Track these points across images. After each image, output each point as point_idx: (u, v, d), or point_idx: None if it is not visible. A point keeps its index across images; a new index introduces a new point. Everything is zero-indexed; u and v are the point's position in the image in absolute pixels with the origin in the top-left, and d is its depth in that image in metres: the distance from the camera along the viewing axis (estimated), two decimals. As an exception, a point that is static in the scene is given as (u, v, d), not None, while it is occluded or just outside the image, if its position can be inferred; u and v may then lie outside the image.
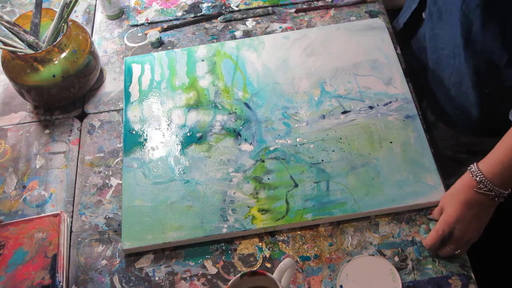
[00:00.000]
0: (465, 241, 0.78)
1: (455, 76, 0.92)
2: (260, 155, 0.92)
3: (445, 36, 0.90)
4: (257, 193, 0.88)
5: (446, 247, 0.79)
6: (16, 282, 0.81)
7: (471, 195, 0.75)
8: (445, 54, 0.92)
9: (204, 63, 1.06)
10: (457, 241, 0.78)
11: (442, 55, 0.93)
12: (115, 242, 0.87)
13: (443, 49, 0.92)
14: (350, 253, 0.82)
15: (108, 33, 1.17)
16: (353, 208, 0.84)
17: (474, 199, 0.75)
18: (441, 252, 0.80)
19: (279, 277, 0.72)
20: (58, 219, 0.87)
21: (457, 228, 0.77)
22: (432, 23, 0.93)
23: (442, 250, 0.79)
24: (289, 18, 1.14)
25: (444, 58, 0.93)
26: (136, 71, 1.07)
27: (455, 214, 0.76)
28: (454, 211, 0.76)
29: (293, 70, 1.03)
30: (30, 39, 1.00)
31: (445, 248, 0.79)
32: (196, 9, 1.19)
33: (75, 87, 1.02)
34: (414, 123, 0.92)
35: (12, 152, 1.00)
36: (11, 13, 1.25)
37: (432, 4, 0.92)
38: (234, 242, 0.85)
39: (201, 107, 1.00)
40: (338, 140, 0.92)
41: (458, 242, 0.78)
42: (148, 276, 0.83)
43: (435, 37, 0.93)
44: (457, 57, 0.89)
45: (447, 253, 0.79)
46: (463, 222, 0.76)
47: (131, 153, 0.95)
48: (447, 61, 0.92)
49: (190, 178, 0.91)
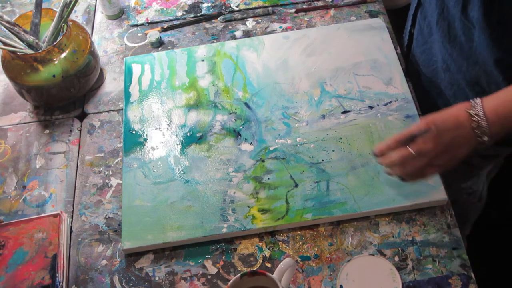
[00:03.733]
0: (425, 157, 0.74)
1: (449, 89, 0.93)
2: (260, 155, 0.92)
3: (438, 48, 0.90)
4: (257, 193, 0.88)
5: (402, 149, 0.75)
6: (16, 282, 0.81)
7: (460, 113, 0.73)
8: (438, 67, 0.93)
9: (204, 63, 1.06)
10: (420, 148, 0.74)
11: (436, 68, 0.94)
12: (115, 242, 0.87)
13: (436, 62, 0.93)
14: (350, 253, 0.82)
15: (108, 33, 1.17)
16: (353, 208, 0.84)
17: (461, 117, 0.72)
18: (394, 157, 0.76)
19: (279, 277, 0.72)
20: (58, 219, 0.87)
21: (431, 131, 0.73)
22: (423, 37, 0.93)
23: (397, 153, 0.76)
24: (289, 18, 1.14)
25: (439, 71, 0.94)
26: (136, 71, 1.07)
27: (440, 119, 0.73)
28: (440, 116, 0.73)
29: (293, 70, 1.03)
30: (30, 39, 1.00)
31: (402, 149, 0.75)
32: (196, 9, 1.19)
33: (75, 87, 1.02)
34: (414, 123, 0.92)
35: (12, 152, 1.00)
36: (11, 13, 1.25)
37: (422, 19, 0.92)
38: (234, 242, 0.85)
39: (201, 107, 1.00)
40: (338, 140, 0.92)
41: (421, 149, 0.74)
42: (148, 276, 0.83)
43: (427, 51, 0.94)
44: (450, 69, 0.89)
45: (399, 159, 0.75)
46: (440, 131, 0.73)
47: (131, 153, 0.95)
48: (441, 73, 0.93)
49: (190, 178, 0.91)
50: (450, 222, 0.83)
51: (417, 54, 0.98)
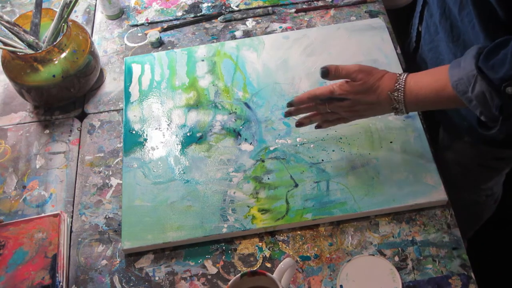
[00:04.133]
0: (337, 114, 0.83)
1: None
2: (260, 155, 0.92)
3: (444, 47, 0.90)
4: (257, 193, 0.88)
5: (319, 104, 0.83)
6: (16, 282, 0.81)
7: (382, 93, 0.78)
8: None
9: (204, 63, 1.06)
10: (335, 108, 0.82)
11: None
12: (115, 242, 0.87)
13: (444, 60, 0.92)
14: (350, 253, 0.82)
15: (108, 33, 1.17)
16: (353, 208, 0.84)
17: (381, 97, 0.78)
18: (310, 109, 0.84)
19: (279, 277, 0.72)
20: (58, 219, 0.87)
21: (348, 100, 0.80)
22: (430, 36, 0.93)
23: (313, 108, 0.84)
24: (289, 18, 1.14)
25: None
26: (136, 71, 1.07)
27: (361, 91, 0.78)
28: (362, 87, 0.78)
29: (293, 70, 1.03)
30: (30, 39, 1.00)
31: (320, 105, 0.83)
32: (196, 9, 1.19)
33: (75, 87, 1.02)
34: (414, 123, 0.92)
35: (12, 152, 1.00)
36: (11, 13, 1.25)
37: (428, 17, 0.92)
38: (234, 242, 0.85)
39: (201, 107, 1.00)
40: (338, 140, 0.92)
41: (335, 109, 0.82)
42: (148, 276, 0.83)
43: (434, 49, 0.94)
44: None
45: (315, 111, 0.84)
46: (356, 102, 0.80)
47: (131, 153, 0.95)
48: None
49: (190, 178, 0.91)
50: (450, 222, 0.83)
51: (424, 52, 0.97)
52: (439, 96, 0.75)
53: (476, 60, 0.69)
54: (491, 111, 0.70)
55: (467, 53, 0.72)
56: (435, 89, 0.75)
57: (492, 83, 0.68)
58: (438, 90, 0.75)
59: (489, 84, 0.68)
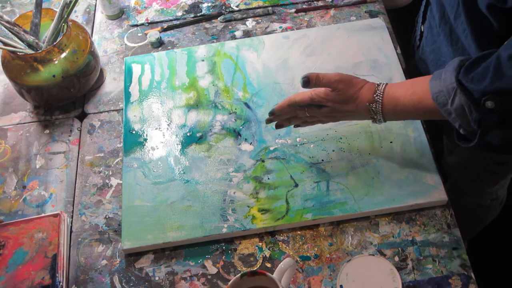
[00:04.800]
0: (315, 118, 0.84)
1: None
2: (260, 155, 0.92)
3: (445, 50, 0.90)
4: (257, 193, 0.88)
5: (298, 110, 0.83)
6: (16, 282, 0.81)
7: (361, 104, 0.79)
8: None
9: (204, 63, 1.06)
10: (313, 113, 0.83)
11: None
12: (115, 242, 0.87)
13: (445, 62, 0.92)
14: (350, 253, 0.82)
15: (108, 33, 1.17)
16: (353, 208, 0.84)
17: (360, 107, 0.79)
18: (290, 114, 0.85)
19: (279, 277, 0.72)
20: (58, 219, 0.87)
21: (327, 108, 0.81)
22: (432, 36, 0.93)
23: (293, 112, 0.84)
24: (289, 18, 1.14)
25: None
26: (136, 71, 1.07)
27: (339, 100, 0.79)
28: (341, 97, 0.79)
29: (293, 70, 1.03)
30: (30, 39, 1.00)
31: (299, 110, 0.83)
32: (196, 9, 1.19)
33: (75, 87, 1.02)
34: (414, 123, 0.92)
35: (12, 152, 1.00)
36: (11, 13, 1.25)
37: (431, 17, 0.92)
38: (234, 242, 0.85)
39: (201, 107, 1.00)
40: (338, 140, 0.92)
41: (313, 114, 0.83)
42: (148, 276, 0.83)
43: (436, 50, 0.93)
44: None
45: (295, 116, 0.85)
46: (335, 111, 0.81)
47: (131, 153, 0.95)
48: None
49: (190, 178, 0.91)
50: (450, 222, 0.83)
51: (426, 53, 0.97)
52: (417, 108, 0.75)
53: (456, 73, 0.69)
54: (469, 124, 0.70)
55: (449, 65, 0.71)
56: (413, 101, 0.75)
57: (472, 97, 0.68)
58: (416, 102, 0.75)
59: (468, 97, 0.68)
